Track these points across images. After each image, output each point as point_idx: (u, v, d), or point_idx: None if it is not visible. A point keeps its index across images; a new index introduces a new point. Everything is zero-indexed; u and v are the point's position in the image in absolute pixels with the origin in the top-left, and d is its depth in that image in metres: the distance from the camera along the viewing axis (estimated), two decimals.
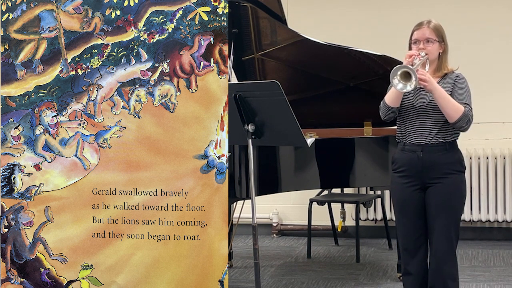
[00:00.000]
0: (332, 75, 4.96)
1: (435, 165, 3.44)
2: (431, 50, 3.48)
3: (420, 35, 3.49)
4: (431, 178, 3.46)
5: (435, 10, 5.97)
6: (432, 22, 3.52)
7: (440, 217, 3.46)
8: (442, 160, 3.44)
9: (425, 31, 3.49)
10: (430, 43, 3.48)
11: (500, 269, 5.10)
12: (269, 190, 4.37)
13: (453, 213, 3.48)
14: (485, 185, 5.94)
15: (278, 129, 3.74)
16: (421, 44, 3.47)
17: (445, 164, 3.45)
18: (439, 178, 3.45)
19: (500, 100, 5.94)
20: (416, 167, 3.47)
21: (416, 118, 3.48)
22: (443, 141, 3.45)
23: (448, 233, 3.46)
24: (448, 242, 3.46)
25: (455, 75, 3.52)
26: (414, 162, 3.47)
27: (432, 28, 3.50)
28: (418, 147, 3.46)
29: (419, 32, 3.50)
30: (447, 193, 3.45)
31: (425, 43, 3.47)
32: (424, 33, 3.48)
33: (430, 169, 3.45)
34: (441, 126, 3.45)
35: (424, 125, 3.46)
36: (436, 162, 3.44)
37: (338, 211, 6.23)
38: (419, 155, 3.46)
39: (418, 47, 3.47)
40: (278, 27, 4.76)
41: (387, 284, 4.76)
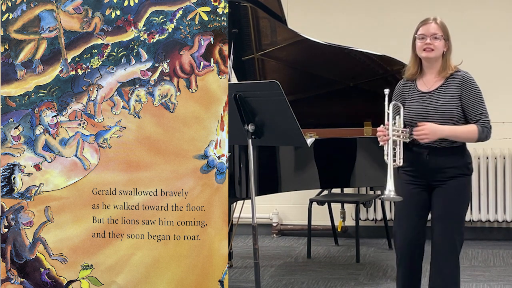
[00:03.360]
0: (332, 75, 4.96)
1: (440, 169, 3.42)
2: (438, 46, 3.41)
3: (426, 30, 3.43)
4: (436, 180, 3.44)
5: (435, 10, 5.95)
6: (438, 19, 3.47)
7: (443, 219, 3.43)
8: (448, 164, 3.42)
9: (432, 26, 3.43)
10: (437, 39, 3.41)
11: (500, 269, 5.09)
12: (269, 190, 4.36)
13: (457, 217, 3.45)
14: (485, 185, 5.94)
15: (278, 129, 3.74)
16: (428, 39, 3.41)
17: (451, 168, 3.42)
18: (445, 180, 3.42)
19: (500, 100, 5.94)
20: (422, 167, 3.45)
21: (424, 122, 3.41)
22: (450, 145, 3.42)
23: (451, 235, 3.43)
24: (450, 244, 3.43)
25: (461, 75, 3.46)
26: (421, 163, 3.44)
27: (439, 24, 3.45)
28: (425, 149, 3.42)
29: (426, 27, 3.43)
30: (452, 196, 3.43)
31: (432, 39, 3.41)
32: (431, 29, 3.42)
33: (436, 172, 3.43)
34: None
35: None
36: (442, 165, 3.42)
37: (338, 211, 6.23)
38: (425, 157, 3.43)
39: (425, 42, 3.41)
40: (278, 27, 4.76)
41: (387, 284, 4.76)
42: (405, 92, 3.54)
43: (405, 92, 3.54)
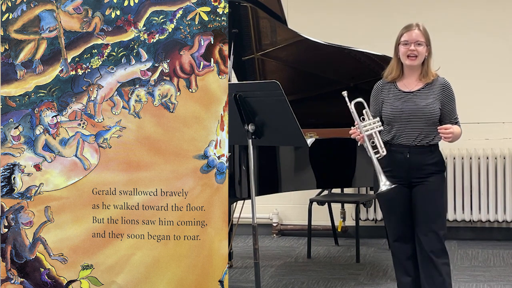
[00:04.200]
0: (332, 75, 4.96)
1: (421, 166, 3.56)
2: (421, 52, 3.55)
3: (410, 37, 3.56)
4: (416, 177, 3.58)
5: (434, 10, 5.98)
6: (420, 25, 3.60)
7: (427, 212, 3.57)
8: (427, 161, 3.57)
9: (415, 33, 3.56)
10: (420, 45, 3.55)
11: (500, 269, 5.09)
12: (269, 190, 4.37)
13: (439, 208, 3.61)
14: (485, 185, 5.93)
15: (278, 129, 3.74)
16: (412, 45, 3.54)
17: (430, 164, 3.57)
18: (424, 177, 3.57)
19: (500, 100, 5.94)
20: (403, 167, 3.58)
21: (405, 122, 3.56)
22: (428, 143, 3.56)
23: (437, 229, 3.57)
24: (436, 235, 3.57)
25: (441, 81, 3.60)
26: (401, 162, 3.58)
27: (422, 31, 3.58)
28: (405, 148, 3.57)
29: (409, 34, 3.56)
30: (432, 190, 3.57)
31: (415, 45, 3.54)
32: (415, 35, 3.56)
33: (416, 169, 3.57)
34: (427, 129, 3.55)
35: (411, 129, 3.55)
36: (422, 163, 3.56)
37: (338, 211, 6.23)
38: (406, 156, 3.57)
39: (409, 48, 3.53)
40: (278, 27, 4.76)
41: (387, 284, 4.76)
42: (384, 92, 3.67)
43: (384, 91, 3.67)
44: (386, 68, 3.70)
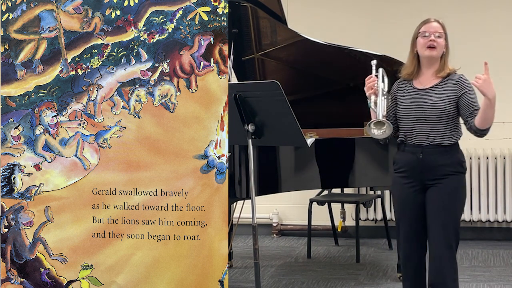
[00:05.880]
0: (332, 75, 4.96)
1: (434, 167, 3.43)
2: (440, 43, 3.45)
3: (429, 28, 3.45)
4: (430, 179, 3.45)
5: (435, 10, 5.97)
6: (439, 19, 3.51)
7: (438, 218, 3.43)
8: (442, 162, 3.42)
9: (434, 25, 3.47)
10: (440, 37, 3.45)
11: (500, 269, 5.09)
12: (269, 190, 4.36)
13: (452, 214, 3.45)
14: (485, 185, 5.93)
15: (278, 129, 3.74)
16: (432, 36, 3.44)
17: (445, 165, 3.43)
18: (439, 179, 3.43)
19: (500, 100, 5.86)
20: (416, 168, 3.46)
21: (417, 120, 3.46)
22: (443, 143, 3.43)
23: (447, 233, 3.43)
24: (446, 243, 3.43)
25: (457, 76, 3.50)
26: (414, 163, 3.46)
27: (441, 24, 3.49)
28: (418, 148, 3.45)
29: (429, 26, 3.46)
30: (446, 194, 3.43)
31: (435, 37, 3.44)
32: (434, 27, 3.46)
33: (430, 170, 3.43)
34: (440, 127, 3.43)
35: (424, 127, 3.44)
36: (435, 164, 3.43)
37: (338, 211, 6.23)
38: (419, 156, 3.45)
39: (429, 39, 3.43)
40: (278, 27, 4.76)
41: (387, 284, 4.76)
42: (399, 91, 3.58)
43: (400, 90, 3.59)
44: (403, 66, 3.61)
